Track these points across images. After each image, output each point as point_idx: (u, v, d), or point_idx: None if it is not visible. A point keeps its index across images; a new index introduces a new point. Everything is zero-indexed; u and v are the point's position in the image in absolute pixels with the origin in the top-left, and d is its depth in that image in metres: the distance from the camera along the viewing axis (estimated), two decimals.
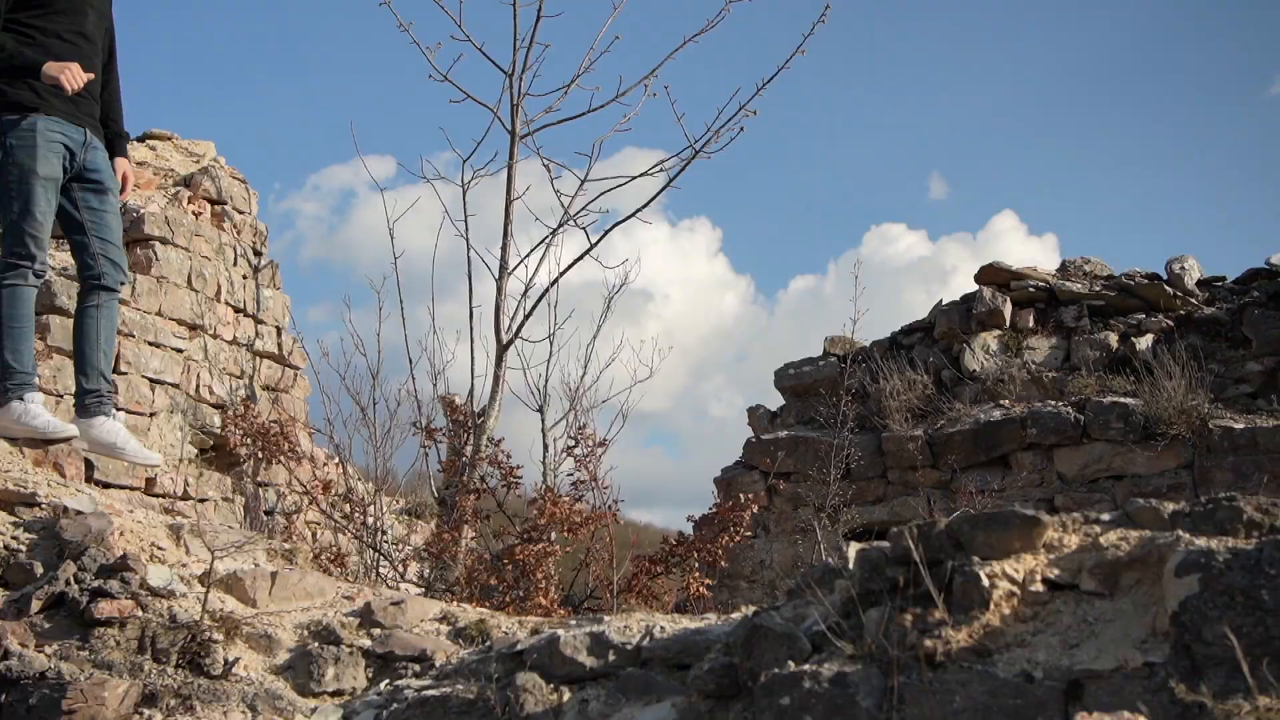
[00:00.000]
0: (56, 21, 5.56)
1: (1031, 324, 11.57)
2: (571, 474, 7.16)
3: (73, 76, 5.42)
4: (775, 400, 12.68)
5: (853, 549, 3.01)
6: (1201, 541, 2.42)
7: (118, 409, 7.82)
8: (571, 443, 7.35)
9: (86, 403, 5.63)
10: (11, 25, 5.48)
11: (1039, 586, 2.58)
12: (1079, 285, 11.67)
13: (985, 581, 2.58)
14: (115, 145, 5.88)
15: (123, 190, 5.91)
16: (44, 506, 4.66)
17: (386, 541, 7.97)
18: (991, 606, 2.56)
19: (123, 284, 5.82)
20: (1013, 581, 2.59)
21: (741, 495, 7.09)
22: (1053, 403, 10.53)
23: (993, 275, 11.93)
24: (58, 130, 5.47)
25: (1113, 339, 11.12)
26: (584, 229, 7.98)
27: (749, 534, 8.24)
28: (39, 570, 4.22)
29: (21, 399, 5.38)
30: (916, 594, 2.64)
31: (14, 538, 4.43)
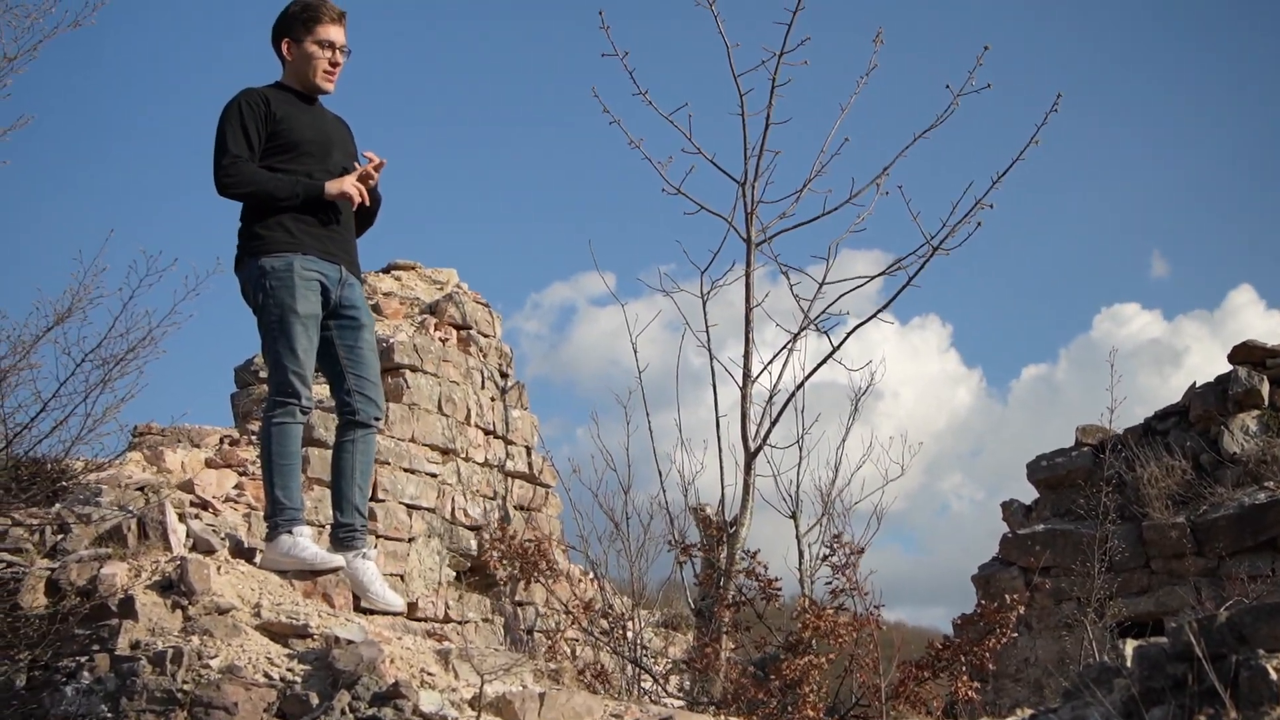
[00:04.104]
0: (306, 163, 5.71)
1: None
2: (829, 581, 7.13)
3: (353, 188, 5.64)
4: (1022, 492, 12.51)
5: (1130, 646, 3.01)
6: None
7: (378, 536, 8.13)
8: (828, 550, 7.33)
9: (340, 536, 5.79)
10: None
11: None
12: None
13: (1273, 675, 2.56)
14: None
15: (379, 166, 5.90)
16: (316, 637, 4.79)
17: (647, 656, 8.05)
18: None
19: (378, 419, 5.90)
20: None
21: (1006, 595, 7.00)
22: None
23: (1246, 354, 11.59)
24: (314, 269, 5.62)
25: None
26: (825, 332, 8.05)
27: (1013, 633, 8.12)
28: (315, 700, 4.36)
29: (290, 533, 5.55)
30: (1201, 690, 2.64)
31: (289, 669, 4.57)
